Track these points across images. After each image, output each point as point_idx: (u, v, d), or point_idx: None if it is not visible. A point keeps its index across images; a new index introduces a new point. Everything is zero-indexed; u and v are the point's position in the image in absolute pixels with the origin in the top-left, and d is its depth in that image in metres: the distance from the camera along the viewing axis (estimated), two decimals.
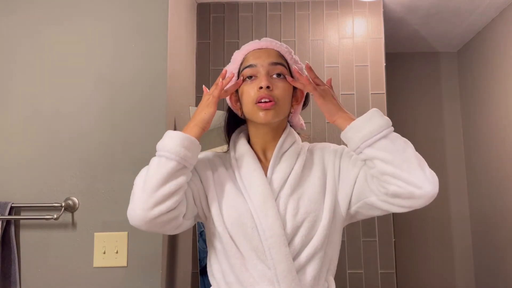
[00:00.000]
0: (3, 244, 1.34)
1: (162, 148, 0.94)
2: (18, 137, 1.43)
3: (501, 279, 2.51)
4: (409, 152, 0.90)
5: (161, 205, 0.90)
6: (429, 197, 0.89)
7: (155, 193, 0.89)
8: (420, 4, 2.33)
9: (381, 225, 2.08)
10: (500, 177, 2.48)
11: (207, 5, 2.27)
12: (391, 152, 0.89)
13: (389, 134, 0.92)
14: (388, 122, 0.93)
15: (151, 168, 0.93)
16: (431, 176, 0.90)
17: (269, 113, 0.98)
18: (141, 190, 0.91)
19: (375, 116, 0.94)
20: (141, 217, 0.90)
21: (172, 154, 0.92)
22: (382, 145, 0.90)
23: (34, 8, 1.49)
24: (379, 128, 0.91)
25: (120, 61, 1.47)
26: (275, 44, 1.06)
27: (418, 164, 0.90)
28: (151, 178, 0.91)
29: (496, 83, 2.53)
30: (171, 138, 0.94)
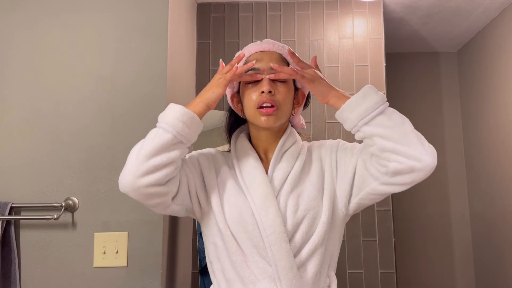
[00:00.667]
0: (3, 244, 1.34)
1: (161, 119, 0.95)
2: (18, 137, 1.43)
3: (501, 279, 2.51)
4: (406, 127, 0.91)
5: (150, 175, 0.91)
6: (429, 169, 0.89)
7: (147, 162, 0.91)
8: (420, 4, 2.33)
9: (381, 225, 2.08)
10: (500, 177, 2.48)
11: (207, 5, 2.27)
12: (389, 127, 0.90)
13: (385, 109, 0.92)
14: (383, 98, 0.93)
15: (147, 137, 0.95)
16: (430, 149, 0.91)
17: (270, 119, 0.99)
18: (134, 158, 0.92)
19: (370, 92, 0.93)
20: (129, 183, 0.92)
21: (170, 126, 0.93)
22: (380, 121, 0.91)
23: (34, 8, 1.49)
24: (375, 104, 0.91)
25: (120, 61, 1.47)
26: (277, 47, 1.06)
27: (417, 137, 0.91)
28: (145, 147, 0.92)
29: (496, 83, 2.53)
30: (172, 110, 0.95)
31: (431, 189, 2.99)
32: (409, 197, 2.98)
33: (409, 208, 2.97)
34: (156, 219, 1.39)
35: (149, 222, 1.39)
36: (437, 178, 3.00)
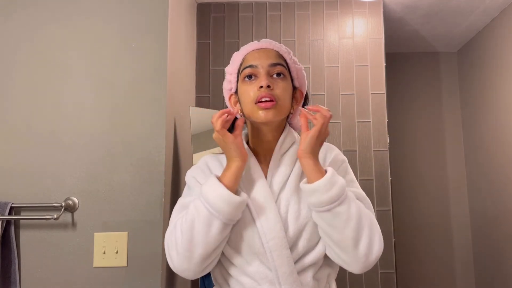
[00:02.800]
0: (3, 244, 1.34)
1: (217, 207, 0.91)
2: (18, 137, 1.43)
3: (501, 279, 2.51)
4: (347, 231, 0.90)
5: (213, 263, 0.95)
6: (358, 272, 0.94)
7: (210, 259, 0.93)
8: (420, 4, 2.33)
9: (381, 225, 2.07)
10: (500, 177, 2.48)
11: (207, 5, 2.27)
12: (334, 227, 0.91)
13: (333, 208, 0.90)
14: (336, 196, 0.91)
15: (201, 227, 0.91)
16: (365, 255, 0.91)
17: (269, 112, 0.98)
18: (188, 258, 0.91)
19: (326, 188, 0.91)
20: (192, 276, 0.94)
21: (229, 219, 0.92)
22: (326, 217, 0.92)
23: (34, 8, 1.49)
24: (327, 201, 0.91)
25: (120, 61, 1.47)
26: (275, 45, 1.06)
27: (353, 243, 0.90)
28: (204, 246, 0.91)
29: (496, 83, 2.53)
30: (227, 202, 0.91)
31: (431, 189, 2.99)
32: (409, 197, 2.98)
33: (409, 208, 2.97)
34: (156, 219, 1.39)
35: (149, 222, 1.39)
36: (437, 178, 3.01)
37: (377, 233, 0.94)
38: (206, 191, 0.92)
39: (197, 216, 0.91)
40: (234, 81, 1.08)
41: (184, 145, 1.77)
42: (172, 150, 1.56)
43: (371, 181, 2.12)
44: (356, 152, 2.14)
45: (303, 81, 1.09)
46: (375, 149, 2.14)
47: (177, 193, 1.63)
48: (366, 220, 0.92)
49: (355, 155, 2.13)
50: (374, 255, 0.91)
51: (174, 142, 1.60)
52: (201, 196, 0.93)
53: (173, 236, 0.93)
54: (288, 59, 1.06)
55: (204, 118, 1.83)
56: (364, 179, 2.12)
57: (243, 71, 1.03)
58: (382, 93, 2.18)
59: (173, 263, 0.93)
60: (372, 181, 2.12)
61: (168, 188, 1.49)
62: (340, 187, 0.91)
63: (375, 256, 0.92)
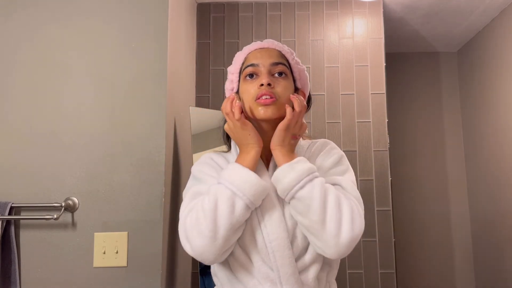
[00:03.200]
0: (3, 244, 1.34)
1: (243, 189, 0.90)
2: (18, 137, 1.43)
3: (501, 279, 2.51)
4: (311, 215, 0.88)
5: (231, 248, 0.93)
6: (334, 257, 0.91)
7: (228, 241, 0.90)
8: (420, 4, 2.33)
9: (381, 225, 2.08)
10: (500, 177, 2.48)
11: (207, 5, 2.27)
12: (300, 213, 0.91)
13: (295, 194, 0.90)
14: (295, 180, 0.90)
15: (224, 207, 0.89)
16: (334, 236, 0.87)
17: (269, 109, 0.97)
18: (212, 238, 0.89)
19: (284, 174, 0.91)
20: (213, 259, 0.91)
21: (252, 203, 0.91)
22: (293, 204, 0.91)
23: (34, 8, 1.49)
24: (287, 187, 0.91)
25: (120, 61, 1.47)
26: (277, 45, 1.06)
27: (320, 226, 0.88)
28: (228, 226, 0.89)
29: (496, 83, 2.53)
30: (254, 184, 0.91)
31: (431, 189, 2.99)
32: (409, 197, 2.98)
33: (409, 208, 2.97)
34: (156, 219, 1.39)
35: (149, 222, 1.39)
36: (437, 178, 3.01)
37: (347, 212, 0.89)
38: (229, 174, 0.92)
39: (220, 197, 0.90)
40: (235, 80, 1.08)
41: (184, 145, 1.77)
42: (172, 150, 1.56)
43: (371, 181, 2.12)
44: (356, 152, 2.14)
45: (305, 82, 1.09)
46: (375, 149, 2.14)
47: (177, 193, 1.63)
48: (331, 200, 0.89)
49: (355, 155, 2.13)
50: (345, 235, 0.87)
51: (174, 142, 1.60)
52: (223, 179, 0.92)
53: (193, 218, 0.91)
54: (291, 59, 1.06)
55: (204, 118, 1.83)
56: (364, 179, 2.12)
57: (244, 70, 1.03)
58: (382, 93, 2.18)
59: (193, 245, 0.90)
60: (372, 181, 2.12)
61: (168, 188, 1.49)
62: (300, 170, 0.90)
63: (347, 236, 0.87)
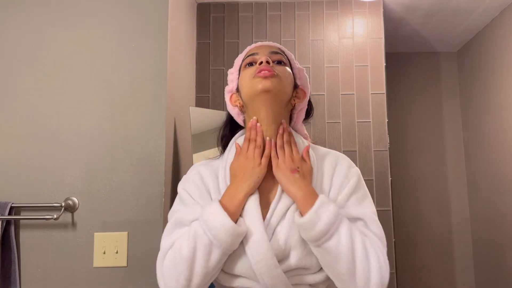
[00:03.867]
0: (3, 244, 1.34)
1: (221, 239, 0.87)
2: (18, 137, 1.43)
3: (501, 279, 2.51)
4: (340, 267, 0.85)
5: (206, 286, 0.91)
6: None
7: (205, 285, 0.89)
8: (420, 4, 2.33)
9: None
10: (500, 178, 2.48)
11: (207, 5, 2.27)
12: (327, 262, 0.87)
13: (322, 244, 0.86)
14: (321, 233, 0.85)
15: (199, 254, 0.87)
16: (364, 283, 0.84)
17: (267, 81, 0.93)
18: (185, 285, 0.87)
19: (311, 225, 0.87)
20: None
21: (228, 248, 0.88)
22: (319, 252, 0.88)
23: (35, 9, 1.49)
24: (313, 238, 0.87)
25: (120, 61, 1.47)
26: (276, 44, 1.06)
27: (349, 278, 0.85)
28: (203, 275, 0.87)
29: (496, 83, 2.53)
30: (226, 230, 0.87)
31: (431, 189, 2.99)
32: (409, 197, 2.98)
33: (409, 208, 2.97)
34: (156, 219, 1.39)
35: (149, 222, 1.39)
36: (437, 178, 3.01)
37: (375, 262, 0.86)
38: (208, 218, 0.88)
39: (198, 243, 0.87)
40: (235, 78, 1.05)
41: (184, 145, 1.77)
42: (172, 150, 1.56)
43: (371, 181, 2.12)
44: (356, 152, 2.14)
45: (305, 82, 1.07)
46: (375, 149, 2.14)
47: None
48: (359, 251, 0.86)
49: (355, 155, 2.13)
50: (375, 285, 0.85)
51: (174, 142, 1.60)
52: (203, 223, 0.88)
53: (171, 260, 0.90)
54: (290, 56, 1.06)
55: (204, 118, 1.83)
56: (364, 179, 2.10)
57: (244, 61, 1.02)
58: (382, 93, 2.18)
59: (168, 286, 0.89)
60: (372, 181, 2.12)
61: (168, 188, 1.49)
62: (326, 223, 0.85)
63: (377, 285, 0.85)
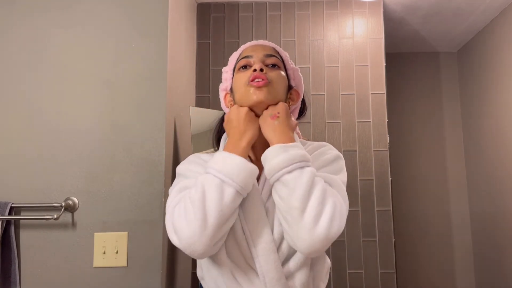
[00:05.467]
0: (3, 244, 1.34)
1: (231, 176, 0.86)
2: (18, 137, 1.43)
3: (501, 279, 2.51)
4: (292, 200, 0.83)
5: (222, 240, 0.88)
6: (305, 253, 0.85)
7: (220, 230, 0.85)
8: (420, 4, 2.33)
9: (381, 225, 2.08)
10: (500, 177, 2.48)
11: (207, 5, 2.27)
12: (281, 197, 0.86)
13: (281, 176, 0.85)
14: (284, 162, 0.85)
15: (214, 195, 0.85)
16: (310, 228, 0.81)
17: (261, 91, 0.94)
18: (201, 227, 0.83)
19: (276, 154, 0.87)
20: (202, 251, 0.85)
21: (243, 189, 0.87)
22: (277, 187, 0.87)
23: (35, 10, 1.49)
24: (274, 167, 0.86)
25: (120, 61, 1.47)
26: (271, 43, 1.07)
27: (298, 213, 0.82)
28: (218, 213, 0.84)
29: (496, 83, 2.53)
30: (242, 168, 0.87)
31: (431, 189, 2.99)
32: (409, 197, 2.98)
33: (409, 208, 2.97)
34: (156, 219, 1.39)
35: (149, 222, 1.39)
36: (437, 178, 3.01)
37: (329, 208, 0.82)
38: (216, 162, 0.88)
39: (208, 186, 0.85)
40: (229, 78, 1.07)
41: (184, 145, 1.77)
42: (172, 150, 1.56)
43: (371, 181, 2.12)
44: (356, 152, 2.14)
45: (299, 82, 1.09)
46: (375, 149, 2.14)
47: None
48: (317, 191, 0.83)
49: (355, 155, 2.13)
50: (321, 230, 0.80)
51: (174, 142, 1.60)
52: (210, 168, 0.88)
53: (181, 208, 0.87)
54: (284, 56, 1.06)
55: (204, 118, 1.83)
56: (364, 179, 2.12)
57: (238, 62, 1.03)
58: (382, 93, 2.18)
59: (182, 236, 0.84)
60: (372, 181, 2.12)
61: (168, 188, 1.49)
62: (293, 155, 0.85)
63: (323, 233, 0.80)
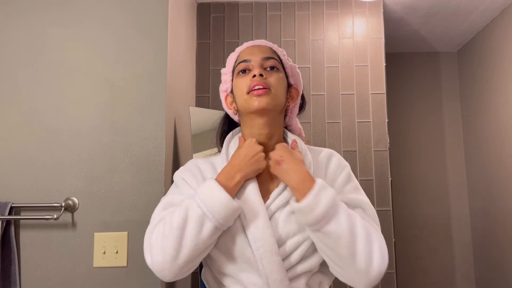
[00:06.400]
0: (3, 244, 1.34)
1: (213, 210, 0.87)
2: (18, 137, 1.43)
3: (501, 279, 2.51)
4: (340, 249, 0.86)
5: (192, 269, 0.91)
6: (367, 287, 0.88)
7: (193, 263, 0.89)
8: (420, 4, 2.33)
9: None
10: (500, 177, 2.48)
11: (207, 5, 2.27)
12: (327, 246, 0.88)
13: (321, 228, 0.86)
14: (321, 216, 0.86)
15: (191, 226, 0.87)
16: (365, 271, 0.85)
17: (262, 99, 0.96)
18: (173, 257, 0.86)
19: (310, 209, 0.87)
20: (170, 278, 0.89)
21: (223, 224, 0.89)
22: (319, 237, 0.88)
23: (35, 9, 1.49)
24: (312, 221, 0.87)
25: (120, 61, 1.47)
26: (268, 43, 1.07)
27: (350, 261, 0.86)
28: (193, 247, 0.86)
29: (496, 83, 2.53)
30: (223, 204, 0.88)
31: (431, 189, 3.00)
32: (409, 197, 2.98)
33: (409, 208, 2.97)
34: None
35: (149, 222, 1.39)
36: (437, 178, 3.01)
37: (376, 244, 0.87)
38: (204, 191, 0.90)
39: (190, 215, 0.88)
40: (229, 80, 1.07)
41: (184, 145, 1.77)
42: (172, 150, 1.56)
43: (371, 181, 2.12)
44: (356, 152, 2.14)
45: (298, 79, 1.09)
46: (375, 149, 2.14)
47: None
48: (360, 233, 0.86)
49: (355, 155, 2.13)
50: (375, 268, 0.86)
51: (174, 142, 1.60)
52: (197, 196, 0.89)
53: (159, 231, 0.89)
54: (281, 55, 1.06)
55: (204, 118, 1.83)
56: (364, 179, 2.12)
57: (237, 67, 1.04)
58: (382, 93, 2.18)
59: (154, 260, 0.88)
60: (372, 181, 2.12)
61: (168, 188, 1.48)
62: (326, 205, 0.86)
63: (377, 269, 0.86)
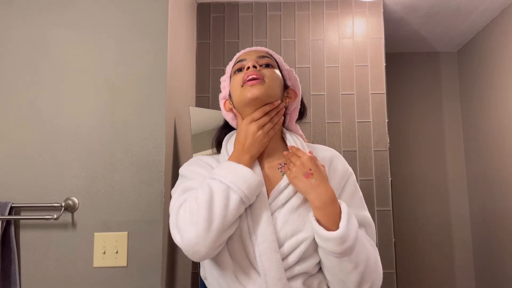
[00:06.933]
0: (3, 244, 1.34)
1: (240, 184, 0.90)
2: (18, 137, 1.43)
3: (501, 279, 2.51)
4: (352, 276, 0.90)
5: (221, 246, 0.91)
6: None
7: (222, 235, 0.88)
8: (420, 4, 2.33)
9: (381, 225, 2.08)
10: (500, 177, 2.48)
11: (207, 5, 2.27)
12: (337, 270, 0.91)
13: (342, 257, 0.89)
14: (349, 250, 0.88)
15: (220, 203, 0.88)
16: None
17: (255, 88, 0.96)
18: (206, 229, 0.86)
19: (340, 241, 0.88)
20: (204, 253, 0.89)
21: (247, 198, 0.90)
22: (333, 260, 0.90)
23: (33, 7, 1.49)
24: (339, 252, 0.89)
25: (120, 61, 1.47)
26: (264, 48, 1.09)
27: (357, 283, 0.91)
28: (220, 217, 0.87)
29: (496, 83, 2.53)
30: (249, 179, 0.91)
31: (431, 189, 2.99)
32: (409, 197, 2.98)
33: (409, 208, 2.97)
34: (156, 219, 1.39)
35: (149, 222, 1.39)
36: (437, 178, 3.01)
37: (379, 273, 0.95)
38: (223, 170, 0.92)
39: (215, 190, 0.89)
40: (227, 85, 1.09)
41: (184, 145, 1.77)
42: (172, 150, 1.56)
43: (371, 181, 2.12)
44: (356, 152, 2.14)
45: (296, 83, 1.10)
46: (375, 149, 2.14)
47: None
48: (371, 265, 0.92)
49: (355, 155, 2.13)
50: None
51: (174, 142, 1.60)
52: (216, 175, 0.91)
53: (186, 209, 0.90)
54: (278, 59, 1.08)
55: (204, 118, 1.83)
56: (364, 179, 2.12)
57: (233, 67, 1.06)
58: (382, 93, 2.18)
59: (185, 236, 0.88)
60: (372, 181, 2.12)
61: (168, 188, 1.49)
62: (355, 236, 0.89)
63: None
